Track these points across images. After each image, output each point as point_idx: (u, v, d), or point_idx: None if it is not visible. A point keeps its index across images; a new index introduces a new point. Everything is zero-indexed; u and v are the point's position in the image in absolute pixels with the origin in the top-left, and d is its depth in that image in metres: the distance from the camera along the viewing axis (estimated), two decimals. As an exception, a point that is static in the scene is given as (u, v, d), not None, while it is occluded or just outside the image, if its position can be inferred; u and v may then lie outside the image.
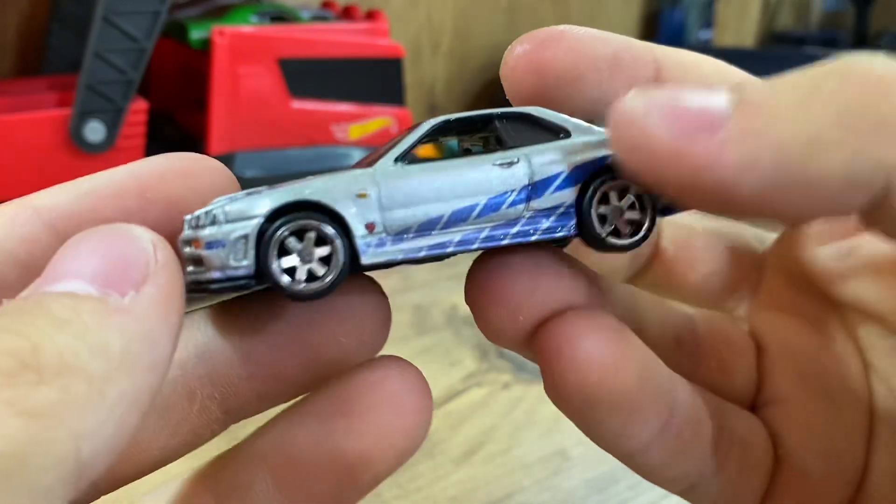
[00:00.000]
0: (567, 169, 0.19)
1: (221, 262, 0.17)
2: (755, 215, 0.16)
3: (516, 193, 0.19)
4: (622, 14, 1.15)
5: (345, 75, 0.66)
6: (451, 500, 0.41)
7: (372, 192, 0.18)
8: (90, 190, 0.19)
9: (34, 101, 0.58)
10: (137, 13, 0.53)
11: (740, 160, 0.15)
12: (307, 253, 0.17)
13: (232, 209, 0.17)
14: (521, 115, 0.20)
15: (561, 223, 0.19)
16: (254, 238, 0.17)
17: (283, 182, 0.18)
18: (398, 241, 0.18)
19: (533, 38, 0.21)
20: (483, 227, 0.19)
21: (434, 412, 0.53)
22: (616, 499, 0.41)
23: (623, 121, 0.16)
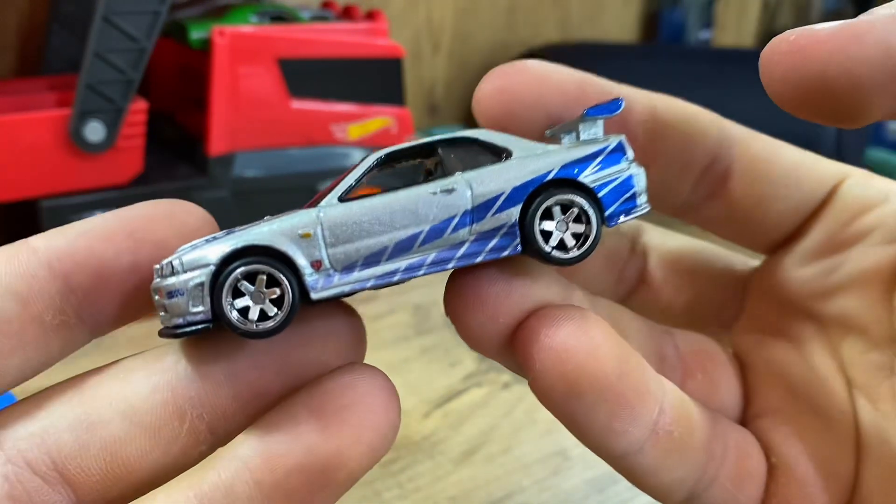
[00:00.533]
0: (508, 189, 0.20)
1: (182, 310, 0.19)
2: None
3: (458, 218, 0.19)
4: (622, 14, 1.15)
5: (345, 75, 0.66)
6: (451, 500, 0.41)
7: (316, 231, 0.19)
8: (84, 231, 0.20)
9: (34, 101, 0.58)
10: (137, 13, 0.53)
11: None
12: (259, 294, 0.19)
13: (188, 259, 0.19)
14: (463, 139, 0.21)
15: (506, 242, 0.20)
16: (208, 284, 0.18)
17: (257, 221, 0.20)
18: (346, 274, 0.19)
19: (501, 70, 0.23)
20: (428, 253, 0.19)
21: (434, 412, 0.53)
22: (616, 499, 0.41)
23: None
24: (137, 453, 0.20)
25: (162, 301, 0.19)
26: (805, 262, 0.26)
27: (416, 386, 0.51)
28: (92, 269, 0.20)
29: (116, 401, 0.20)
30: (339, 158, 0.67)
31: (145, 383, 0.20)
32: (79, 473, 0.19)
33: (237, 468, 0.19)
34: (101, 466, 0.19)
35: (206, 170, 0.62)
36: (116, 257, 0.20)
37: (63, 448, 0.19)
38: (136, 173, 0.59)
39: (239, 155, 0.63)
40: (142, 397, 0.20)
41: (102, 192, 0.58)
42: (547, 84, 0.23)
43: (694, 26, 1.14)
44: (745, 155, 0.25)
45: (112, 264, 0.20)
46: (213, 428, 0.20)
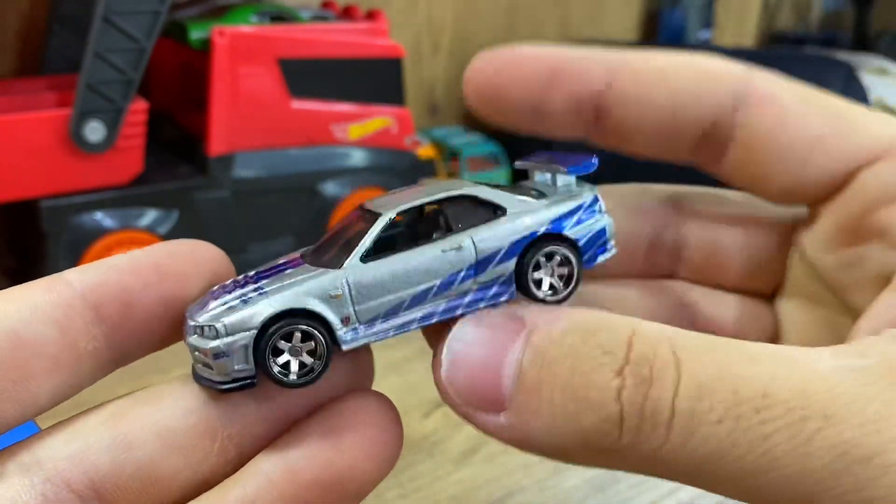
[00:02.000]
0: (506, 245, 0.23)
1: (228, 369, 0.21)
2: None
3: (464, 272, 0.22)
4: (622, 14, 1.15)
5: (345, 75, 0.66)
6: (451, 499, 0.41)
7: (344, 291, 0.22)
8: (113, 265, 0.22)
9: (34, 101, 0.58)
10: (137, 13, 0.53)
11: (512, 443, 0.20)
12: (296, 349, 0.21)
13: (230, 322, 0.21)
14: (460, 197, 0.23)
15: (503, 289, 0.23)
16: (251, 346, 0.21)
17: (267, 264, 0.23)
18: (370, 326, 0.22)
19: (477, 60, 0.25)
20: (439, 303, 0.22)
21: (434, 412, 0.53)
22: (616, 499, 0.41)
23: (435, 376, 0.22)
24: (170, 472, 0.21)
25: (206, 360, 0.21)
26: (826, 246, 0.25)
27: (416, 386, 0.51)
28: (121, 299, 0.22)
29: (151, 423, 0.21)
30: (339, 158, 0.67)
31: (177, 406, 0.21)
32: (114, 492, 0.20)
33: (261, 482, 0.21)
34: (136, 486, 0.21)
35: (206, 170, 0.62)
36: (143, 290, 0.22)
37: (101, 468, 0.20)
38: (136, 173, 0.59)
39: (239, 155, 0.63)
40: (176, 419, 0.21)
41: (102, 192, 0.58)
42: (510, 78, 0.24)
43: (694, 26, 1.14)
44: (748, 123, 0.24)
45: (139, 296, 0.22)
46: (241, 447, 0.22)
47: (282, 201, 0.65)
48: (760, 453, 0.18)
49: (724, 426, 0.18)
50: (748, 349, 0.19)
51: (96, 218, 0.57)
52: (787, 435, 0.18)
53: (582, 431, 0.19)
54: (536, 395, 0.20)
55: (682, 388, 0.18)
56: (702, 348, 0.19)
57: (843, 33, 1.32)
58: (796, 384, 0.18)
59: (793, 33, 1.36)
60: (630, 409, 0.19)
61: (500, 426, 0.20)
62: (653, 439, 0.19)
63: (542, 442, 0.20)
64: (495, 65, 0.24)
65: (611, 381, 0.19)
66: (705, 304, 0.28)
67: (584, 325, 0.20)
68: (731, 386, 0.18)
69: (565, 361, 0.20)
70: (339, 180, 0.67)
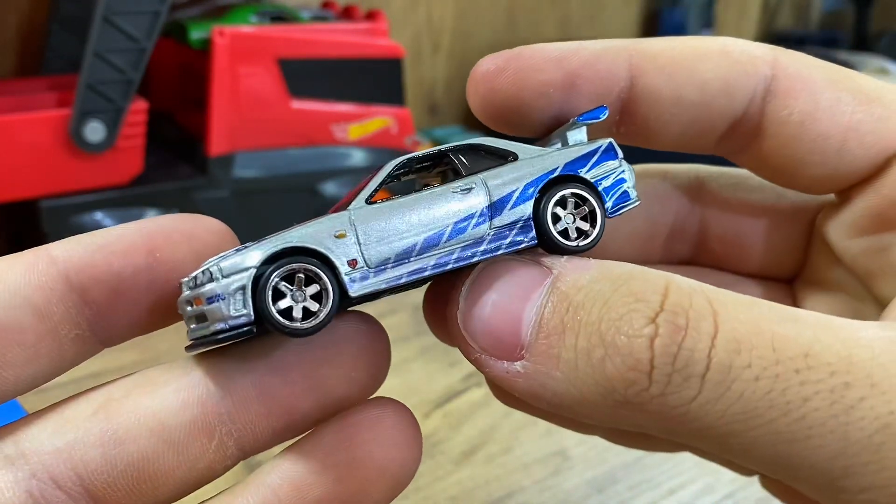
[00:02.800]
0: (521, 186, 0.21)
1: (223, 314, 0.19)
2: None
3: (478, 215, 0.21)
4: (622, 14, 1.15)
5: (345, 75, 0.66)
6: (451, 499, 0.41)
7: (349, 231, 0.20)
8: (103, 245, 0.20)
9: (34, 101, 0.58)
10: (137, 13, 0.53)
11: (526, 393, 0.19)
12: (299, 293, 0.19)
13: (226, 265, 0.19)
14: (470, 146, 0.22)
15: (522, 236, 0.21)
16: (250, 287, 0.19)
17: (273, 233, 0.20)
18: (380, 272, 0.20)
19: (488, 63, 0.23)
20: (454, 248, 0.21)
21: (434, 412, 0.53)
22: (616, 499, 0.41)
23: (450, 319, 0.20)
24: (164, 470, 0.20)
25: (198, 309, 0.19)
26: (854, 231, 0.24)
27: (416, 386, 0.51)
28: (109, 284, 0.20)
29: (145, 416, 0.20)
30: (339, 158, 0.67)
31: (174, 398, 0.20)
32: (104, 489, 0.19)
33: (265, 496, 0.20)
34: (127, 483, 0.19)
35: (206, 170, 0.62)
36: (134, 276, 0.20)
37: (90, 464, 0.19)
38: (136, 173, 0.59)
39: (239, 155, 0.63)
40: (171, 413, 0.20)
41: (102, 192, 0.58)
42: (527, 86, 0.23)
43: (694, 26, 1.14)
44: (779, 115, 0.23)
45: (129, 282, 0.20)
46: (241, 444, 0.21)
47: (282, 201, 0.65)
48: (797, 417, 0.17)
49: (761, 384, 0.17)
50: (787, 310, 0.18)
51: (96, 218, 0.57)
52: (827, 400, 0.17)
53: (606, 380, 0.18)
54: (558, 341, 0.19)
55: (720, 340, 0.17)
56: (740, 303, 0.18)
57: (843, 33, 1.32)
58: (840, 349, 0.17)
59: (793, 33, 1.36)
60: (662, 357, 0.17)
61: (515, 374, 0.19)
62: (684, 392, 0.17)
63: (559, 392, 0.19)
64: (506, 71, 0.23)
65: (643, 328, 0.18)
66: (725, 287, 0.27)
67: (616, 273, 0.19)
68: (770, 343, 0.17)
69: (593, 307, 0.18)
70: (339, 180, 0.67)
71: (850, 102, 0.22)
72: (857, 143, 0.22)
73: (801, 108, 0.22)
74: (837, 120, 0.22)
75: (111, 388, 0.20)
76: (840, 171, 0.23)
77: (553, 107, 0.23)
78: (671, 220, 0.28)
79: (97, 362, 0.22)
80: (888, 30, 1.28)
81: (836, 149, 0.22)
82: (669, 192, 0.28)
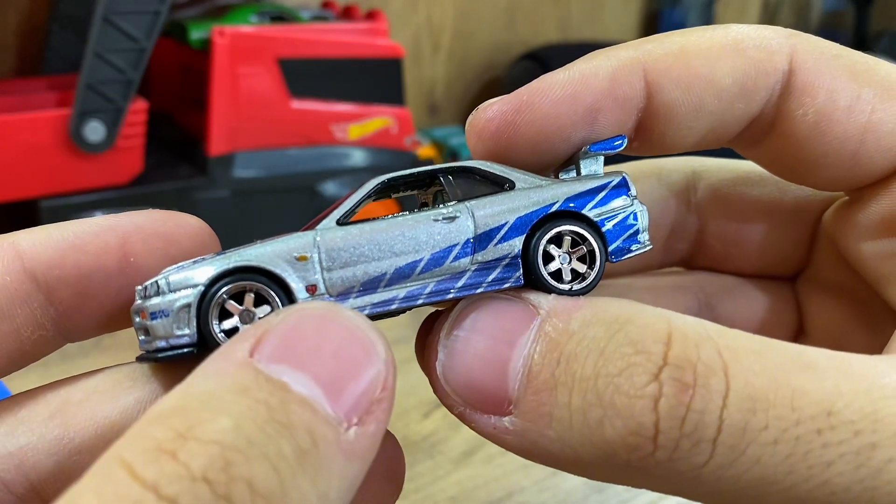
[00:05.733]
0: (511, 219, 0.19)
1: (165, 332, 0.18)
2: None
3: (460, 247, 0.19)
4: (622, 14, 1.15)
5: (345, 75, 0.66)
6: (451, 500, 0.41)
7: (312, 254, 0.18)
8: (74, 242, 0.19)
9: (34, 101, 0.58)
10: (137, 13, 0.53)
11: (516, 450, 0.18)
12: (247, 313, 0.18)
13: (175, 279, 0.18)
14: (464, 168, 0.20)
15: (507, 274, 0.19)
16: (195, 306, 0.17)
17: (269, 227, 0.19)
18: (342, 300, 0.18)
19: (493, 116, 0.21)
20: (428, 282, 0.19)
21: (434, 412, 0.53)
22: (615, 499, 0.41)
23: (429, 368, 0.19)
24: None
25: (143, 322, 0.18)
26: (866, 234, 0.22)
27: (415, 386, 0.51)
28: (77, 287, 0.19)
29: (103, 427, 0.19)
30: (339, 158, 0.67)
31: (135, 409, 0.19)
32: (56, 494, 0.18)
33: None
34: None
35: (206, 170, 0.62)
36: (105, 280, 0.19)
37: (42, 472, 0.18)
38: (136, 173, 0.59)
39: (239, 155, 0.63)
40: (130, 422, 0.18)
41: (102, 192, 0.58)
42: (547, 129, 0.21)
43: (694, 26, 1.14)
44: (793, 115, 0.21)
45: (99, 285, 0.19)
46: None
47: (282, 201, 0.65)
48: (819, 483, 0.15)
49: (780, 448, 0.15)
50: (804, 356, 0.16)
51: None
52: (853, 464, 0.15)
53: (605, 444, 0.16)
54: (549, 397, 0.17)
55: (732, 399, 0.16)
56: (751, 352, 0.16)
57: (843, 33, 1.32)
58: (864, 403, 0.16)
59: (793, 33, 1.36)
60: (668, 420, 0.16)
61: (503, 430, 0.18)
62: (693, 457, 0.16)
63: (553, 452, 0.17)
64: (517, 125, 0.21)
65: (645, 387, 0.16)
66: (726, 291, 0.26)
67: (611, 315, 0.17)
68: (788, 400, 0.16)
69: (587, 359, 0.17)
70: (339, 180, 0.67)
71: (871, 100, 0.21)
72: (874, 144, 0.21)
73: (818, 108, 0.21)
74: (856, 119, 0.21)
75: (70, 388, 0.19)
76: (855, 173, 0.22)
77: (572, 146, 0.21)
78: (670, 220, 0.27)
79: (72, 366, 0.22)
80: (888, 30, 1.28)
81: (852, 150, 0.21)
82: (666, 192, 0.26)
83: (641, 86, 0.21)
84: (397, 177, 0.20)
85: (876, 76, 0.21)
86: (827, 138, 0.21)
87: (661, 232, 0.27)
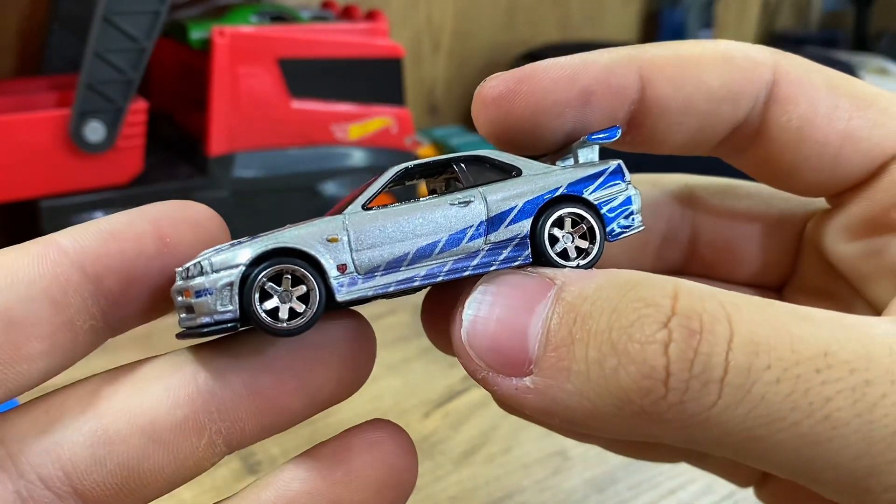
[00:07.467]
0: (521, 202, 0.21)
1: (209, 309, 0.19)
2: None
3: (474, 229, 0.21)
4: (622, 14, 1.15)
5: (345, 75, 0.66)
6: (451, 500, 0.41)
7: (342, 236, 0.20)
8: (112, 232, 0.20)
9: (34, 101, 0.58)
10: (137, 13, 0.53)
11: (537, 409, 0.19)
12: (286, 294, 0.19)
13: (217, 260, 0.19)
14: (474, 157, 0.22)
15: (517, 252, 0.21)
16: (237, 285, 0.19)
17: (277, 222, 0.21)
18: (368, 278, 0.20)
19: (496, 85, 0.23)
20: (446, 261, 0.21)
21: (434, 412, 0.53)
22: (615, 499, 0.41)
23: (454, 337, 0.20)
24: (153, 468, 0.20)
25: (187, 301, 0.20)
26: (847, 235, 0.24)
27: (416, 386, 0.51)
28: (122, 273, 0.20)
29: (135, 416, 0.19)
30: (339, 158, 0.67)
31: (165, 397, 0.20)
32: (93, 489, 0.19)
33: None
34: (116, 482, 0.19)
35: (206, 170, 0.62)
36: (146, 263, 0.20)
37: (78, 464, 0.19)
38: (136, 173, 0.59)
39: (239, 155, 0.63)
40: (162, 412, 0.20)
41: (102, 192, 0.58)
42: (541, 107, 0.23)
43: (694, 26, 1.14)
44: (779, 121, 0.23)
45: (141, 269, 0.20)
46: (230, 441, 0.20)
47: (282, 201, 0.65)
48: (820, 418, 0.16)
49: (782, 386, 0.16)
50: (801, 310, 0.18)
51: (96, 218, 0.57)
52: (850, 399, 0.16)
53: (621, 390, 0.17)
54: (567, 353, 0.18)
55: (737, 343, 0.17)
56: (752, 305, 0.18)
57: (843, 33, 1.32)
58: (857, 346, 0.17)
59: (793, 33, 1.36)
60: (678, 363, 0.17)
61: (524, 390, 0.19)
62: (703, 398, 0.17)
63: (572, 406, 0.18)
64: (518, 94, 0.22)
65: (655, 333, 0.17)
66: None
67: (622, 279, 0.19)
68: (788, 344, 0.17)
69: (601, 316, 0.18)
70: (339, 180, 0.67)
71: (848, 108, 0.23)
72: (852, 148, 0.23)
73: (800, 114, 0.23)
74: (835, 126, 0.22)
75: (99, 383, 0.20)
76: (836, 176, 0.23)
77: (567, 126, 0.23)
78: (663, 227, 0.28)
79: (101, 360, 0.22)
80: (888, 30, 1.28)
81: (832, 154, 0.23)
82: (660, 199, 0.28)
83: (636, 79, 0.23)
84: (417, 164, 0.22)
85: (852, 89, 0.23)
86: (809, 143, 0.23)
87: (654, 237, 0.28)
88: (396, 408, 0.48)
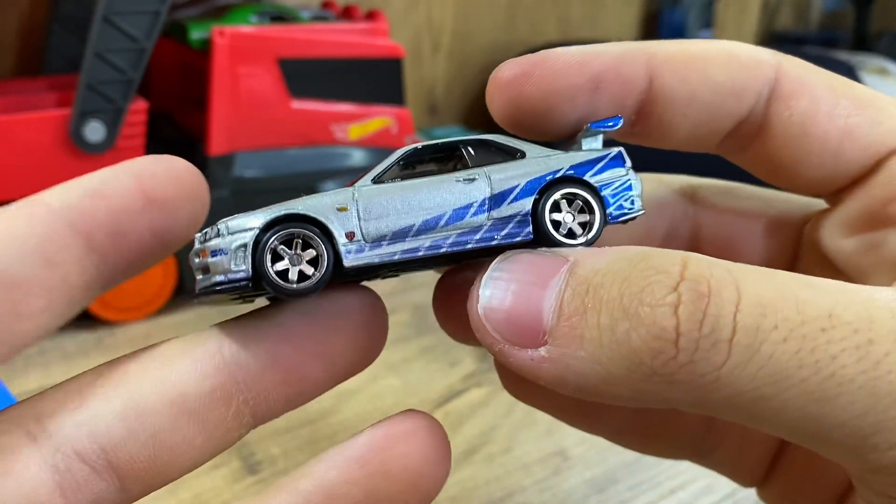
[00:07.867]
0: (523, 182, 0.22)
1: (224, 268, 0.20)
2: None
3: (478, 205, 0.22)
4: (622, 14, 1.15)
5: (345, 75, 0.66)
6: (451, 500, 0.41)
7: (351, 206, 0.21)
8: (98, 189, 0.20)
9: (34, 101, 0.58)
10: (137, 13, 0.53)
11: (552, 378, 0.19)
12: (296, 257, 0.21)
13: (233, 223, 0.21)
14: (480, 141, 0.23)
15: (518, 230, 0.22)
16: (251, 246, 0.20)
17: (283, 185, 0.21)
18: (375, 247, 0.21)
19: (511, 67, 0.24)
20: (450, 234, 0.22)
21: (434, 412, 0.53)
22: (616, 499, 0.42)
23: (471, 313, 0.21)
24: (184, 439, 0.20)
25: (204, 261, 0.21)
26: (846, 231, 0.25)
27: (416, 386, 0.51)
28: (111, 228, 0.20)
29: (165, 388, 0.20)
30: (339, 158, 0.67)
31: (192, 369, 0.21)
32: (126, 460, 0.20)
33: (296, 501, 0.20)
34: (149, 453, 0.20)
35: (206, 170, 0.62)
36: (134, 218, 0.20)
37: (113, 437, 0.20)
38: (136, 173, 0.59)
39: (239, 155, 0.63)
40: (191, 383, 0.20)
41: (102, 192, 0.58)
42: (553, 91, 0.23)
43: (694, 26, 1.14)
44: (781, 117, 0.24)
45: (129, 224, 0.20)
46: (256, 412, 0.21)
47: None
48: (827, 375, 0.17)
49: (789, 345, 0.17)
50: (805, 278, 0.19)
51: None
52: (854, 356, 0.17)
53: (632, 352, 0.18)
54: (580, 321, 0.19)
55: (744, 305, 0.18)
56: (757, 272, 0.18)
57: (843, 33, 1.32)
58: (860, 309, 0.18)
59: (793, 33, 1.36)
60: (688, 323, 0.17)
61: (539, 360, 0.19)
62: (712, 357, 0.17)
63: (585, 372, 0.19)
64: (532, 76, 0.23)
65: (665, 296, 0.18)
66: None
67: (632, 252, 0.19)
68: (794, 305, 0.18)
69: (613, 285, 0.19)
70: (339, 180, 0.67)
71: (847, 107, 0.23)
72: (851, 145, 0.23)
73: (802, 111, 0.23)
74: (835, 123, 0.23)
75: (127, 363, 0.21)
76: (836, 172, 0.24)
77: (577, 111, 0.24)
78: (666, 224, 0.28)
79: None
80: (888, 30, 1.28)
81: (833, 150, 0.23)
82: (664, 196, 0.29)
83: (644, 70, 0.23)
84: (425, 146, 0.23)
85: (851, 91, 0.24)
86: (810, 138, 0.23)
87: (657, 233, 0.29)
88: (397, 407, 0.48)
